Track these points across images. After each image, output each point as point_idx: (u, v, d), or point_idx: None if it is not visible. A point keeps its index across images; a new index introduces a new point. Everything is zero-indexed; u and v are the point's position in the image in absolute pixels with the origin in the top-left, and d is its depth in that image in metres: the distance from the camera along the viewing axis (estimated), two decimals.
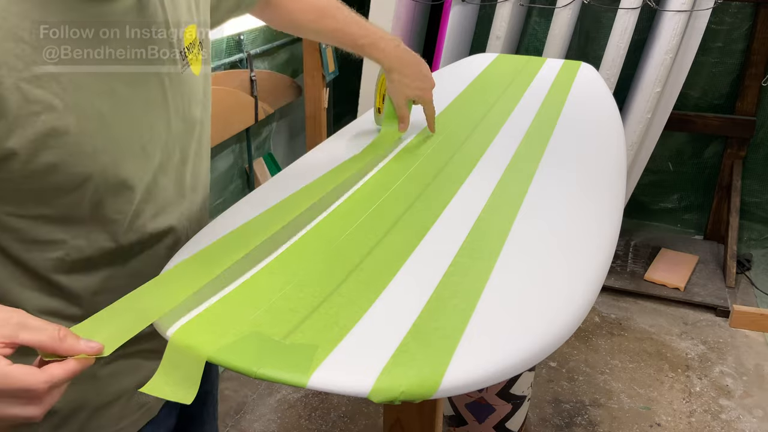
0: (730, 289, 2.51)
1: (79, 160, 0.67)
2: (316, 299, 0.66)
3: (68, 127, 0.65)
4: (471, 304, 0.65)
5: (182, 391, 0.58)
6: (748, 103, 2.62)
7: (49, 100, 0.63)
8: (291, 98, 2.65)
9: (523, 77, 1.53)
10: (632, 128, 2.29)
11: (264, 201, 0.91)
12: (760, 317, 1.85)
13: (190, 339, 0.59)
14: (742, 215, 2.74)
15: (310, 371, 0.55)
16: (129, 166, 0.72)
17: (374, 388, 0.54)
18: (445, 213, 0.86)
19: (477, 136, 1.16)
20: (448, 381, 0.55)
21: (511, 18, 2.40)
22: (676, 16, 2.11)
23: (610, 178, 1.01)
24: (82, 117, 0.66)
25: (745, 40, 2.57)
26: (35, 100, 0.62)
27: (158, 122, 0.75)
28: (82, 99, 0.65)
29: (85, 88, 0.66)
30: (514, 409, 1.63)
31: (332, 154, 1.08)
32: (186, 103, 0.80)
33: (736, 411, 1.97)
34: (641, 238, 2.85)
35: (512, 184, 0.95)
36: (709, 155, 2.78)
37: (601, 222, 0.86)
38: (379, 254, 0.75)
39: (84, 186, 0.70)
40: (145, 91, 0.72)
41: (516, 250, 0.77)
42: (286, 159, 2.76)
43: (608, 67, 2.27)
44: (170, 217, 0.82)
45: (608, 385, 2.07)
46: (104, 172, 0.70)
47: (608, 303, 2.49)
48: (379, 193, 0.92)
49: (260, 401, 2.01)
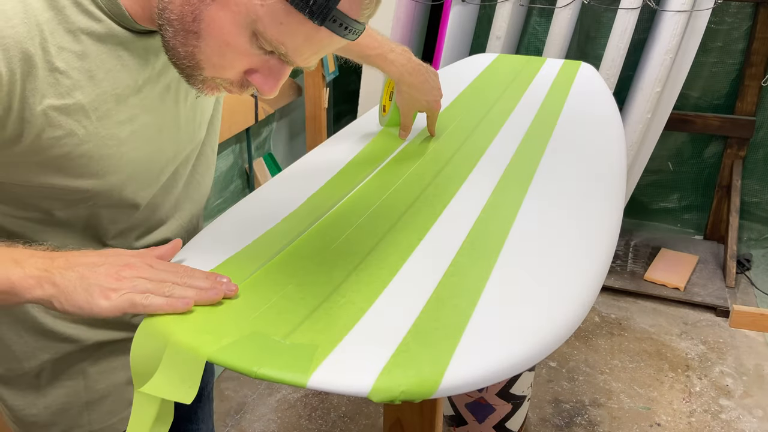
0: (730, 289, 2.51)
1: (86, 180, 0.68)
2: (316, 299, 0.66)
3: (84, 152, 0.67)
4: (471, 304, 0.65)
5: (182, 391, 0.58)
6: (747, 103, 2.62)
7: (72, 128, 0.64)
8: (291, 98, 2.65)
9: (523, 77, 1.53)
10: (632, 128, 2.29)
11: (264, 203, 0.91)
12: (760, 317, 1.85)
13: (190, 339, 0.59)
14: (741, 215, 2.74)
15: (310, 371, 0.55)
16: (135, 186, 0.73)
17: (374, 388, 0.54)
18: (445, 213, 0.86)
19: (477, 136, 1.16)
20: (447, 381, 0.55)
21: (511, 18, 2.40)
22: (676, 16, 2.11)
23: (610, 178, 1.01)
24: (100, 143, 0.67)
25: (745, 40, 2.57)
26: (59, 126, 0.63)
27: (168, 145, 0.76)
28: (103, 128, 0.67)
29: (108, 117, 0.67)
30: (514, 409, 1.63)
31: (332, 155, 1.08)
32: (196, 125, 0.81)
33: (736, 411, 1.97)
34: (641, 238, 2.85)
35: (512, 184, 0.95)
36: (709, 155, 2.78)
37: (601, 222, 0.86)
38: (379, 254, 0.75)
39: (85, 201, 0.71)
40: (162, 117, 0.74)
41: (516, 250, 0.77)
42: (286, 159, 2.76)
43: (608, 67, 2.27)
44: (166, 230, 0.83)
45: (608, 385, 2.07)
46: (110, 191, 0.71)
47: (608, 303, 2.49)
48: (379, 193, 0.92)
49: (260, 401, 2.01)
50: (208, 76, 0.64)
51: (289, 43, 0.60)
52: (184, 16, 0.60)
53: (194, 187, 0.87)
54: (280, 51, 0.61)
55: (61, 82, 0.62)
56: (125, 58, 0.67)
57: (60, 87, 0.62)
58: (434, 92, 1.11)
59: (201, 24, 0.59)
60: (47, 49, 0.61)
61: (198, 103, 0.81)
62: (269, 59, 0.63)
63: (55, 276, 0.60)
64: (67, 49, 0.62)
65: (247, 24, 0.59)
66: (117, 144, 0.69)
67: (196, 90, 0.66)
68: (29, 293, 0.60)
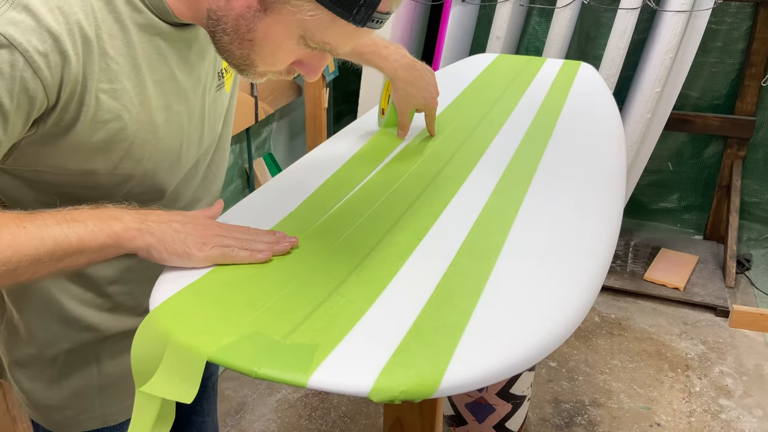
0: (730, 289, 2.51)
1: (125, 165, 0.73)
2: (316, 299, 0.66)
3: (126, 137, 0.71)
4: (471, 304, 0.65)
5: (183, 391, 0.58)
6: (747, 103, 2.62)
7: (119, 112, 0.69)
8: (291, 98, 2.65)
9: (523, 77, 1.53)
10: (632, 128, 2.29)
11: (264, 203, 0.91)
12: (760, 317, 1.85)
13: (190, 339, 0.59)
14: (741, 215, 2.74)
15: (310, 371, 0.55)
16: (165, 172, 0.78)
17: (374, 388, 0.54)
18: (445, 213, 0.86)
19: (477, 136, 1.16)
20: (448, 380, 0.55)
21: (511, 18, 2.40)
22: (676, 16, 2.12)
23: (610, 178, 1.01)
24: (140, 128, 0.72)
25: (745, 40, 2.57)
26: (108, 109, 0.68)
27: (195, 134, 0.81)
28: (144, 113, 0.71)
29: (148, 103, 0.72)
30: (514, 408, 1.63)
31: (333, 155, 1.08)
32: (216, 119, 0.86)
33: (736, 411, 1.97)
34: (641, 238, 2.85)
35: (512, 184, 0.95)
36: (709, 155, 2.78)
37: (601, 222, 0.86)
38: (379, 254, 0.75)
39: (121, 186, 0.74)
40: (191, 107, 0.78)
41: (516, 249, 0.77)
42: (286, 159, 2.76)
43: (608, 67, 2.27)
44: None
45: (608, 385, 2.07)
46: (143, 176, 0.75)
47: (608, 303, 2.49)
48: (379, 193, 0.92)
49: (260, 401, 2.01)
50: (261, 71, 0.71)
51: (332, 42, 0.67)
52: (239, 28, 0.66)
53: (210, 180, 0.90)
54: (325, 48, 0.68)
55: (111, 67, 0.66)
56: (163, 48, 0.72)
57: (110, 72, 0.67)
58: (430, 89, 1.11)
59: (255, 34, 0.66)
60: (100, 35, 0.65)
61: (218, 97, 0.85)
62: (313, 52, 0.70)
63: (153, 228, 0.68)
64: (115, 36, 0.67)
65: (296, 31, 0.66)
66: (154, 130, 0.73)
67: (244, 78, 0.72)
68: (132, 243, 0.67)
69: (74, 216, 0.65)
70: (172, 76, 0.74)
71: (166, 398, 0.59)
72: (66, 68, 0.62)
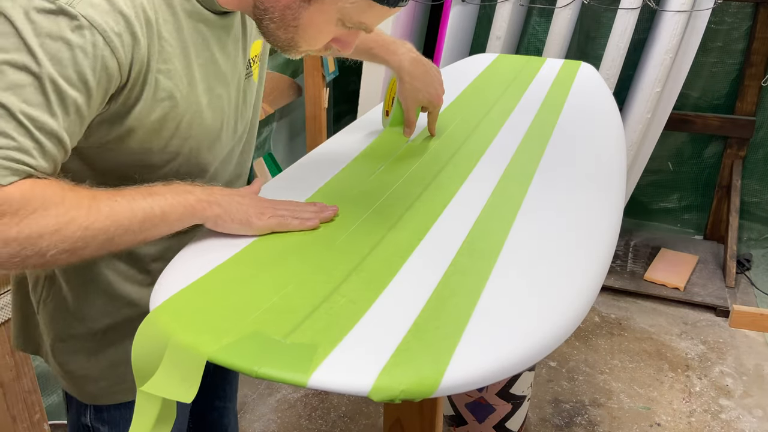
0: (730, 289, 2.51)
1: (174, 143, 0.78)
2: (316, 299, 0.66)
3: (176, 115, 0.76)
4: (471, 304, 0.65)
5: (183, 391, 0.58)
6: (747, 103, 2.62)
7: (172, 91, 0.74)
8: (291, 98, 2.65)
9: (523, 77, 1.53)
10: (632, 128, 2.29)
11: None
12: (760, 317, 1.85)
13: (190, 338, 0.59)
14: (741, 215, 2.74)
15: (310, 371, 0.55)
16: (207, 152, 0.83)
17: (374, 387, 0.54)
18: (445, 213, 0.86)
19: (477, 136, 1.16)
20: (447, 380, 0.55)
21: (511, 18, 2.40)
22: (676, 16, 2.12)
23: (610, 178, 1.01)
24: (189, 108, 0.77)
25: (745, 40, 2.57)
26: (163, 88, 0.73)
27: (231, 118, 0.86)
28: (191, 93, 0.77)
29: (195, 85, 0.77)
30: (514, 408, 1.63)
31: (333, 155, 1.08)
32: (248, 104, 0.91)
33: (736, 411, 1.97)
34: (641, 238, 2.85)
35: (512, 184, 0.95)
36: (709, 155, 2.78)
37: (601, 222, 0.86)
38: (379, 254, 0.75)
39: (168, 165, 0.80)
40: (230, 92, 0.84)
41: (516, 249, 0.77)
42: (286, 159, 2.76)
43: (608, 67, 2.27)
44: None
45: (608, 385, 2.07)
46: (189, 154, 0.81)
47: (608, 303, 2.49)
48: (379, 193, 0.92)
49: (260, 401, 2.01)
50: (303, 50, 0.79)
51: (368, 22, 0.76)
52: (285, 17, 0.74)
53: (241, 165, 0.95)
54: (361, 27, 0.77)
55: (165, 49, 0.72)
56: (205, 33, 0.78)
57: (165, 53, 0.72)
58: (435, 85, 1.12)
59: (300, 21, 0.74)
60: (158, 19, 0.71)
61: (248, 84, 0.89)
62: (349, 30, 0.78)
63: (220, 200, 0.77)
64: (168, 21, 0.72)
65: (336, 16, 0.74)
66: (199, 110, 0.78)
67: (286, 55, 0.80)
68: (203, 213, 0.75)
69: (154, 191, 0.72)
70: (213, 59, 0.79)
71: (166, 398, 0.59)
72: (136, 48, 0.68)
